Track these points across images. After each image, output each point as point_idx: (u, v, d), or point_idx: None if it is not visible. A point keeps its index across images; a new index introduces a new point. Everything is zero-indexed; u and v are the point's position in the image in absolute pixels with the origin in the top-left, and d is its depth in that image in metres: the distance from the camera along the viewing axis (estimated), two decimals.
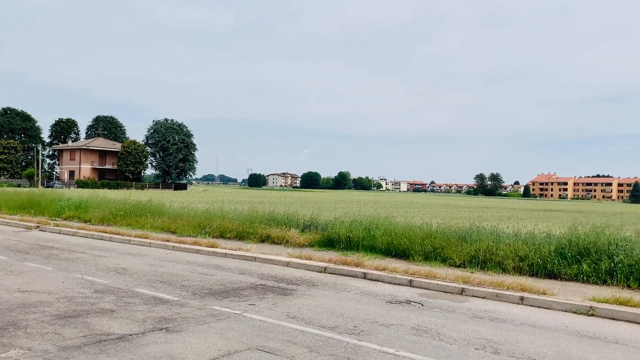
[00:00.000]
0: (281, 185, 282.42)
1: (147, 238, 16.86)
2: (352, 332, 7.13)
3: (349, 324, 7.56)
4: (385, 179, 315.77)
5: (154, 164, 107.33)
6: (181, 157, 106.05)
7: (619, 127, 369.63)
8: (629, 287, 10.50)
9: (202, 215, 19.73)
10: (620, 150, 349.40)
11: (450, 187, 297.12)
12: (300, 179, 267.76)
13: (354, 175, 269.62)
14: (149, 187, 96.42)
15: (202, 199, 46.32)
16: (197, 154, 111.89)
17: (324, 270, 12.13)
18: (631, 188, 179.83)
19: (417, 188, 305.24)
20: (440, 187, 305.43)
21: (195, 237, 17.12)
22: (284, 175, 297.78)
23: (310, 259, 13.07)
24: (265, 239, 16.49)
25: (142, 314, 7.76)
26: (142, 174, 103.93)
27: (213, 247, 15.04)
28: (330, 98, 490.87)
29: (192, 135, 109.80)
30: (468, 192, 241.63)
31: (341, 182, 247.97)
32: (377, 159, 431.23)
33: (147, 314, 7.73)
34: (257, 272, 11.91)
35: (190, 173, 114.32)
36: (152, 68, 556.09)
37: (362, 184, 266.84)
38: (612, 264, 11.02)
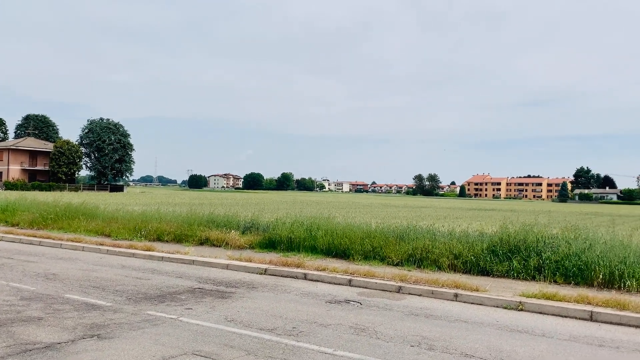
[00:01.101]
0: (223, 187, 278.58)
1: (79, 242, 16.18)
2: (291, 333, 7.12)
3: (288, 325, 7.55)
4: (328, 180, 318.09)
5: (88, 165, 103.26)
6: (117, 157, 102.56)
7: (548, 130, 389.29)
8: (555, 282, 11.05)
9: (139, 218, 19.17)
10: (550, 151, 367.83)
11: (390, 188, 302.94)
12: (242, 180, 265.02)
13: (297, 176, 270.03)
14: (83, 189, 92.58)
15: (139, 201, 45.01)
16: (135, 155, 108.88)
17: (265, 271, 12.06)
18: (559, 188, 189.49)
19: (359, 189, 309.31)
20: (381, 187, 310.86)
21: (130, 240, 16.61)
22: (225, 176, 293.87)
23: (251, 261, 12.96)
24: (204, 242, 16.21)
25: (73, 321, 7.43)
26: (76, 175, 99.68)
27: (149, 250, 14.63)
28: (272, 98, 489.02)
29: (129, 135, 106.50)
30: (407, 192, 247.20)
31: (284, 183, 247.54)
32: (320, 160, 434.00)
33: (77, 321, 7.42)
34: (195, 275, 11.68)
35: (127, 174, 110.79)
36: (86, 65, 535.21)
37: (306, 185, 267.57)
38: (540, 261, 11.58)
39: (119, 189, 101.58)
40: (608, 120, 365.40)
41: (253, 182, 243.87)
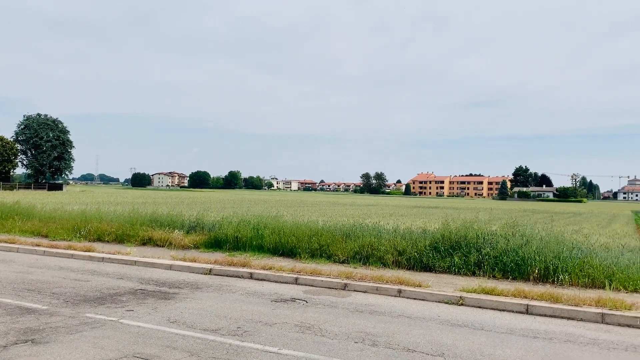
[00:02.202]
0: (168, 185, 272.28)
1: (14, 243, 15.43)
2: (235, 333, 7.06)
3: (233, 325, 7.48)
4: (276, 178, 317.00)
5: (25, 163, 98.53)
6: (56, 155, 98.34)
7: (490, 130, 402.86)
8: (494, 277, 11.46)
9: (78, 217, 18.48)
10: (490, 151, 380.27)
11: (338, 186, 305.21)
12: (188, 178, 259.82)
13: (245, 174, 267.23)
14: (19, 188, 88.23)
15: (79, 200, 43.39)
16: (75, 152, 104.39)
17: (210, 272, 11.89)
18: (499, 186, 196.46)
19: (307, 187, 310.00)
20: (329, 186, 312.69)
21: (69, 240, 16.00)
22: (170, 174, 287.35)
23: (195, 261, 12.75)
24: (147, 242, 15.82)
25: (5, 325, 7.09)
26: (12, 173, 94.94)
27: (89, 251, 14.14)
28: (221, 95, 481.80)
29: (69, 131, 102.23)
30: (355, 191, 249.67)
31: (232, 181, 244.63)
32: (268, 159, 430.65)
33: (10, 326, 7.08)
34: (137, 276, 11.38)
35: (67, 172, 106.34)
36: (24, 58, 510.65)
37: (254, 183, 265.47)
38: (480, 256, 11.98)
39: (58, 187, 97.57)
40: (546, 121, 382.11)
41: (199, 180, 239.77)
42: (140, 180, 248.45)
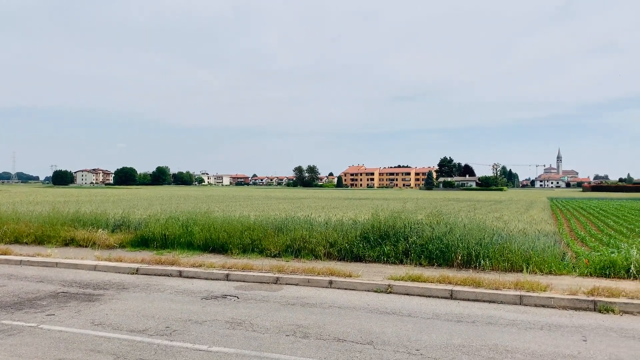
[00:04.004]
0: (92, 183, 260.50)
1: None
2: (164, 333, 6.90)
3: (161, 325, 7.30)
4: (207, 174, 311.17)
5: None
6: None
7: (416, 123, 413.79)
8: (420, 264, 11.86)
9: None
10: (417, 143, 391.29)
11: (271, 180, 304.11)
12: (113, 175, 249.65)
13: (174, 170, 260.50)
14: None
15: None
16: None
17: (136, 271, 11.53)
18: (426, 177, 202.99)
19: (239, 182, 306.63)
20: (262, 180, 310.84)
21: None
22: (94, 171, 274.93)
23: (121, 261, 12.32)
24: (69, 242, 15.11)
25: None
26: None
27: (5, 254, 13.32)
28: (147, 88, 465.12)
29: None
30: (288, 184, 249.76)
31: (160, 177, 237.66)
32: (198, 153, 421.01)
33: None
34: (59, 278, 10.85)
35: None
36: None
37: (183, 179, 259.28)
38: (407, 245, 12.36)
39: None
40: (468, 114, 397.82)
41: (125, 177, 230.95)
42: (62, 178, 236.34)
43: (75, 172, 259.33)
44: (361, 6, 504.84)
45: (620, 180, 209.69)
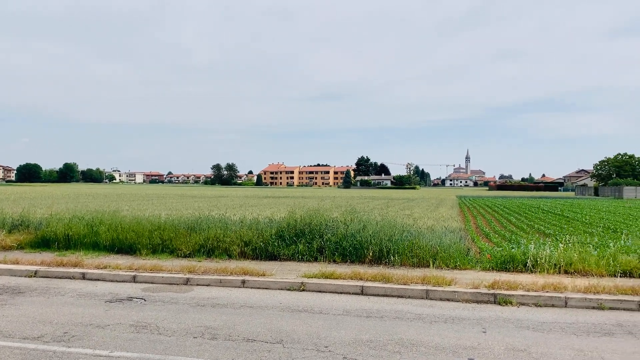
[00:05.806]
0: None
1: None
2: (62, 339, 6.48)
3: (59, 330, 6.86)
4: (119, 171, 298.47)
5: None
6: None
7: (336, 122, 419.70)
8: (334, 261, 12.00)
9: None
10: (337, 142, 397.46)
11: (188, 178, 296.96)
12: (15, 172, 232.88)
13: (82, 166, 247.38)
14: None
15: None
16: None
17: (35, 274, 10.78)
18: (344, 175, 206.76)
19: (153, 179, 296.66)
20: (178, 177, 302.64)
21: None
22: None
23: (18, 263, 11.48)
24: None
25: None
26: None
27: None
28: (54, 80, 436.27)
29: None
30: (205, 182, 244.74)
31: (67, 174, 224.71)
32: (110, 150, 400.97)
33: None
34: None
35: None
36: None
37: (93, 176, 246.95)
38: (322, 242, 12.46)
39: None
40: (385, 114, 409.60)
41: (29, 174, 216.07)
42: None
43: None
44: (281, 3, 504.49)
45: (523, 179, 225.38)
